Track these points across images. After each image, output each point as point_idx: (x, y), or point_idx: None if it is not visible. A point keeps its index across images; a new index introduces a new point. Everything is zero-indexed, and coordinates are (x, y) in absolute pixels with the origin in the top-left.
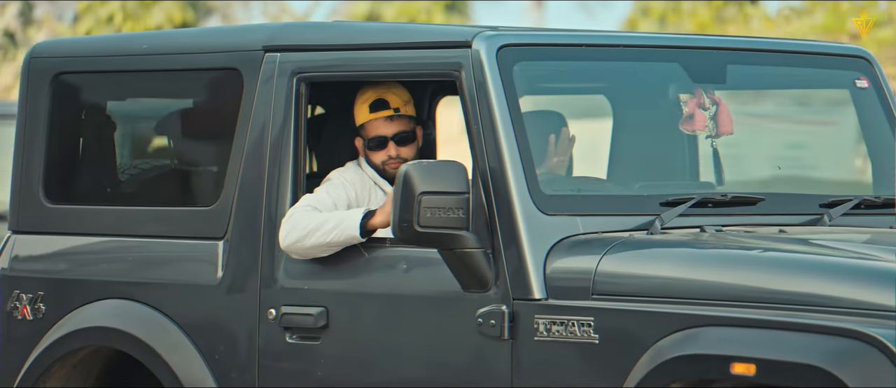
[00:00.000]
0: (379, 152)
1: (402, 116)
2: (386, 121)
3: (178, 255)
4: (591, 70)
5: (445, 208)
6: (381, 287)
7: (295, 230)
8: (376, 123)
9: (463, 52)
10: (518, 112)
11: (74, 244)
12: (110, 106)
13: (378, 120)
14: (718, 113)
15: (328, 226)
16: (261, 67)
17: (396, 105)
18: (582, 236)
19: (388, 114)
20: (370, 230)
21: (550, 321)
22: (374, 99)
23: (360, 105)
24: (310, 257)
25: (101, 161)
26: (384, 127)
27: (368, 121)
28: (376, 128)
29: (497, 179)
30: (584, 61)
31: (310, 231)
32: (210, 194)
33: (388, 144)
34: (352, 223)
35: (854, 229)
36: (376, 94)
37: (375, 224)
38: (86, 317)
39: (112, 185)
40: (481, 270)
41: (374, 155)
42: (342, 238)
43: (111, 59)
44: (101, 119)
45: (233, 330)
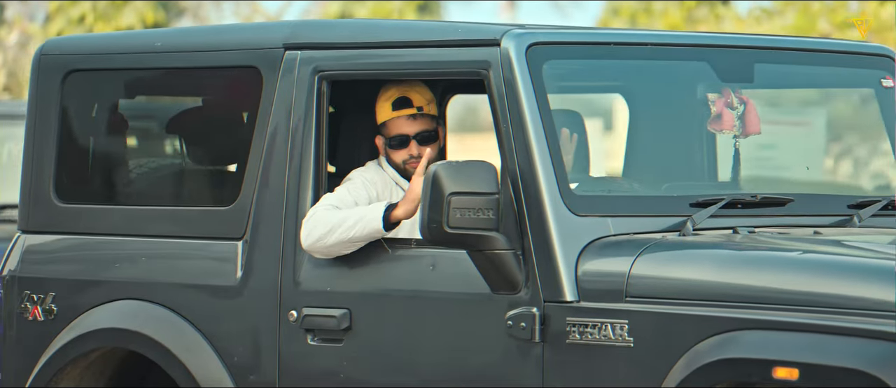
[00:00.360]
0: (400, 151)
1: (424, 115)
2: (408, 119)
3: (194, 255)
4: (620, 69)
5: (475, 208)
6: (407, 288)
7: (316, 229)
8: (398, 122)
9: (491, 51)
10: (548, 111)
11: (87, 244)
12: (122, 104)
13: (400, 118)
14: (746, 113)
15: (349, 222)
16: (281, 65)
17: (419, 104)
18: (613, 238)
19: (411, 112)
20: (393, 223)
21: (583, 324)
22: (397, 97)
23: (382, 103)
24: (332, 255)
25: (113, 160)
26: (406, 125)
27: (390, 119)
28: (398, 126)
29: (527, 180)
30: (613, 60)
31: (331, 228)
32: (228, 193)
33: (410, 143)
34: (374, 217)
35: (885, 230)
36: (399, 92)
37: (398, 216)
38: (99, 318)
39: (124, 184)
40: (511, 271)
41: (395, 154)
42: (365, 233)
43: (124, 57)
44: (113, 117)
45: (252, 332)
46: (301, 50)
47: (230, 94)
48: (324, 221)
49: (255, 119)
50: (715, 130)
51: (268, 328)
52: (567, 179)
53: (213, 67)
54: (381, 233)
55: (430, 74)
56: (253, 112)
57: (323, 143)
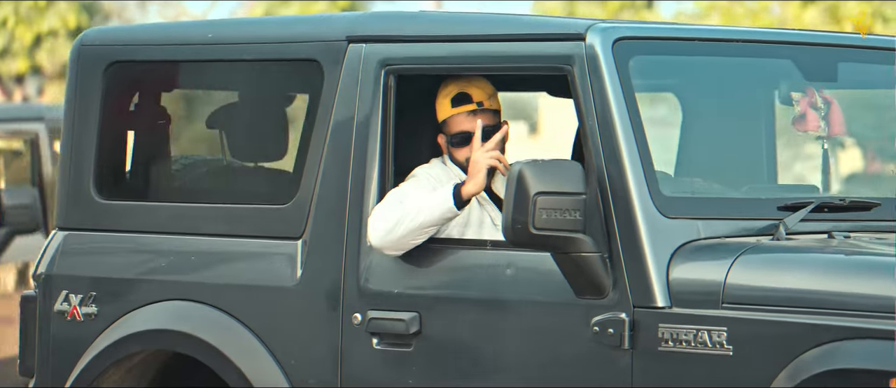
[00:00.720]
0: (463, 149)
1: (486, 110)
2: (469, 115)
3: (248, 255)
4: (707, 65)
5: (561, 209)
6: (482, 292)
7: (383, 223)
8: (459, 119)
9: (575, 45)
10: (635, 109)
11: (130, 242)
12: (168, 97)
13: (461, 115)
14: (830, 113)
15: (415, 210)
16: (344, 58)
17: (480, 98)
18: (704, 241)
19: (471, 108)
20: (465, 201)
21: (677, 331)
22: (456, 93)
23: (442, 100)
24: (404, 248)
25: (157, 155)
26: (468, 122)
27: (451, 116)
28: (459, 123)
29: (615, 180)
30: (700, 56)
31: (398, 220)
32: (284, 191)
33: (472, 140)
34: (444, 197)
35: None
36: (458, 87)
37: (469, 192)
38: (145, 319)
39: (170, 180)
40: (598, 275)
41: (457, 152)
42: (435, 215)
43: (171, 49)
44: (157, 110)
45: (312, 335)
46: (366, 43)
47: (288, 88)
48: (388, 215)
49: (315, 114)
50: (800, 131)
51: (329, 332)
52: (657, 179)
53: (269, 60)
54: (454, 212)
55: (507, 69)
56: (312, 107)
57: (389, 140)
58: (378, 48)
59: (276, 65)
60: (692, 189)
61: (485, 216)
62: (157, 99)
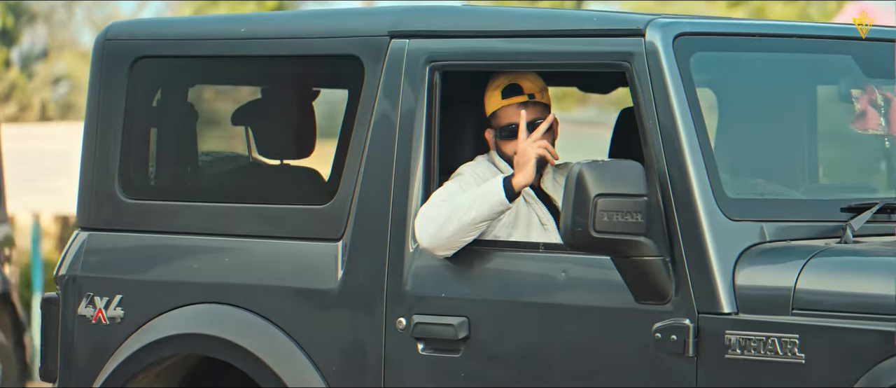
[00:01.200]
0: (511, 142)
1: (537, 103)
2: (519, 107)
3: (285, 257)
4: (767, 62)
5: (623, 211)
6: (535, 296)
7: (431, 223)
8: (509, 110)
9: (635, 42)
10: (697, 107)
11: (158, 243)
12: (196, 93)
13: (511, 107)
14: (891, 111)
15: (466, 204)
16: (386, 54)
17: (531, 91)
18: (770, 245)
19: (522, 100)
20: (517, 192)
21: (745, 338)
22: (507, 84)
23: (492, 92)
24: (454, 247)
25: (185, 153)
26: (517, 114)
27: (500, 108)
28: (509, 115)
29: (677, 181)
30: (760, 52)
31: (448, 217)
32: (322, 191)
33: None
34: (494, 189)
35: None
36: (509, 79)
37: (519, 184)
38: (176, 323)
39: (200, 179)
40: (660, 280)
41: (506, 145)
42: (486, 209)
43: (202, 43)
44: (186, 108)
45: (353, 339)
46: (409, 38)
47: (326, 84)
48: (436, 214)
49: (355, 111)
50: (859, 130)
51: (371, 336)
52: (720, 180)
53: (306, 56)
54: (505, 204)
55: (562, 66)
56: (352, 104)
57: (434, 138)
58: (423, 44)
59: (313, 61)
60: (756, 190)
61: (532, 215)
62: (185, 95)
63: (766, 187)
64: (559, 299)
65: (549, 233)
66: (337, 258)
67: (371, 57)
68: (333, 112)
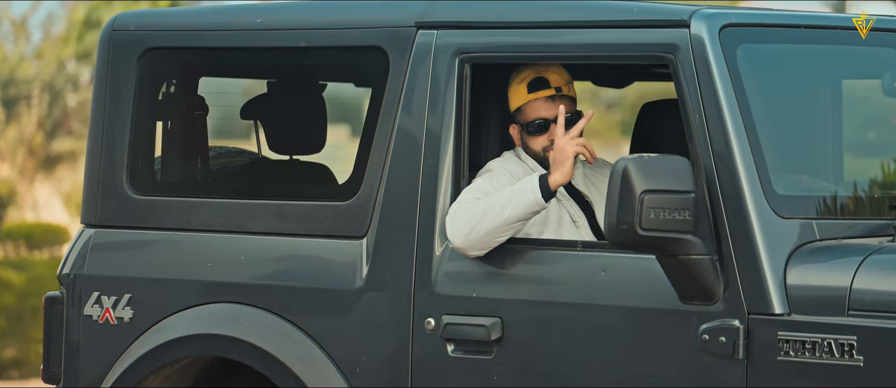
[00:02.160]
0: (539, 137)
1: (564, 97)
2: (547, 101)
3: (304, 255)
4: (815, 54)
5: (670, 208)
6: (574, 296)
7: (465, 222)
8: (536, 105)
9: (679, 33)
10: (746, 101)
11: (169, 241)
12: (208, 86)
13: (538, 101)
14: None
15: (500, 203)
16: (412, 45)
17: (558, 84)
18: (822, 243)
19: (549, 93)
20: (553, 191)
21: (798, 340)
22: (534, 77)
23: (517, 86)
24: (488, 247)
25: (197, 148)
26: (545, 108)
27: (527, 102)
28: (536, 110)
29: (725, 178)
30: (808, 44)
31: (481, 216)
32: (344, 187)
33: (550, 128)
34: (530, 188)
35: None
36: (535, 72)
37: (556, 182)
38: (190, 323)
39: (212, 175)
40: (708, 279)
41: (533, 140)
42: (521, 209)
43: (215, 34)
44: (197, 100)
45: (379, 340)
46: (438, 29)
47: (349, 77)
48: (470, 213)
49: (379, 105)
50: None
51: (398, 337)
52: (769, 176)
53: (328, 48)
54: (541, 204)
55: (601, 58)
56: (376, 98)
57: (465, 133)
58: (452, 35)
59: (334, 53)
60: (804, 187)
61: (564, 213)
62: (196, 88)
63: (811, 184)
64: (599, 300)
65: (580, 231)
66: (361, 256)
67: (397, 49)
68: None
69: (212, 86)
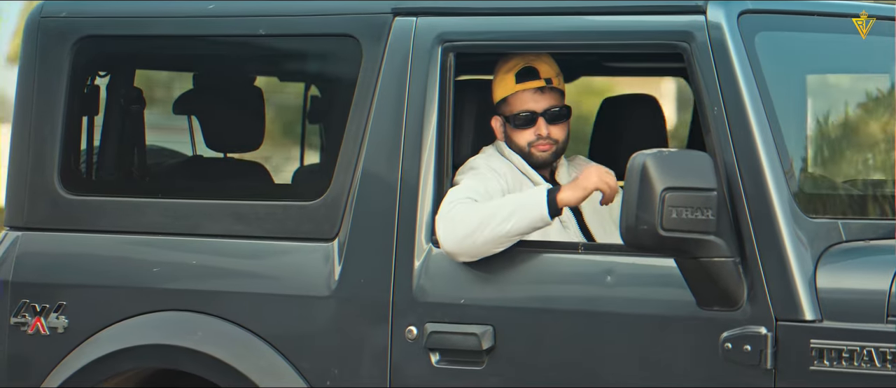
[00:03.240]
0: (525, 131)
1: (553, 89)
2: (535, 93)
3: (266, 259)
4: (837, 44)
5: (692, 207)
6: (576, 303)
7: (460, 226)
8: (523, 96)
9: (694, 20)
10: (767, 92)
11: (108, 244)
12: (155, 77)
13: (526, 92)
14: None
15: (502, 213)
16: (389, 33)
17: (548, 75)
18: (850, 245)
19: (538, 85)
20: (560, 209)
21: (834, 349)
22: (522, 67)
23: (503, 76)
24: (482, 255)
25: (141, 143)
26: (533, 100)
27: (513, 93)
28: (523, 101)
29: (748, 174)
30: (830, 33)
31: (481, 223)
32: (311, 185)
33: (537, 121)
34: (536, 202)
35: None
36: (524, 61)
37: (565, 201)
38: (136, 333)
39: (158, 173)
40: (732, 284)
41: (519, 134)
42: (525, 223)
43: (162, 22)
44: (140, 93)
45: (353, 350)
46: (418, 15)
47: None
48: (468, 217)
49: (351, 98)
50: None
51: (375, 347)
52: (794, 173)
53: (291, 36)
54: (546, 221)
55: (605, 46)
56: (345, 90)
57: (448, 128)
58: (434, 22)
59: (299, 41)
60: (829, 185)
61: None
62: (141, 79)
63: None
64: (605, 307)
65: (568, 231)
66: (331, 260)
67: (370, 37)
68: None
69: (156, 78)
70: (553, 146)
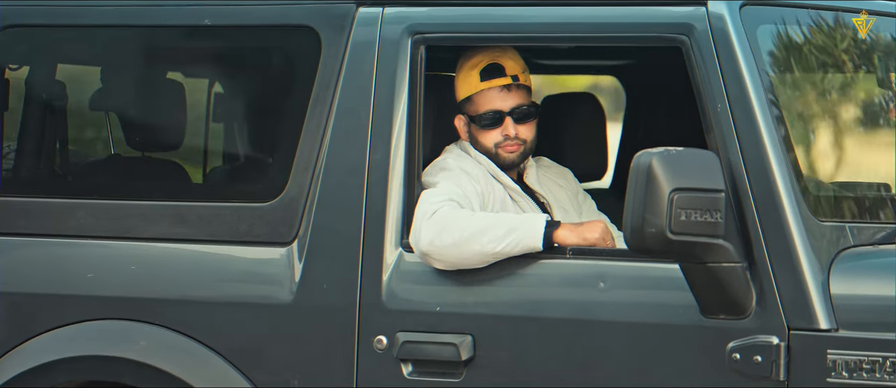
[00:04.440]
0: (492, 131)
1: (520, 86)
2: (502, 91)
3: (215, 263)
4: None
5: (701, 209)
6: (566, 311)
7: (447, 233)
8: (489, 95)
9: (694, 12)
10: (772, 88)
11: (30, 248)
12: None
13: (491, 90)
14: None
15: (497, 231)
16: (351, 25)
17: (514, 72)
18: (859, 249)
19: (505, 82)
20: (553, 245)
21: (854, 359)
22: (487, 64)
23: (467, 73)
24: (462, 266)
25: (73, 141)
26: (499, 99)
27: (479, 92)
28: (490, 100)
29: (755, 175)
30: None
31: (473, 233)
32: (264, 185)
33: (504, 121)
34: (532, 233)
35: None
36: (489, 58)
37: (563, 240)
38: (69, 343)
39: (93, 171)
40: (740, 290)
41: (485, 135)
42: (517, 248)
43: (93, 10)
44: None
45: (314, 361)
46: (385, 6)
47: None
48: (457, 224)
49: (309, 93)
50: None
51: (339, 358)
52: (802, 173)
53: (241, 27)
54: (537, 251)
55: (596, 40)
56: (302, 84)
57: (418, 126)
58: (404, 12)
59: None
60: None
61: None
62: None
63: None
64: (598, 315)
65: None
66: (288, 265)
67: (330, 28)
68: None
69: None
70: (521, 147)
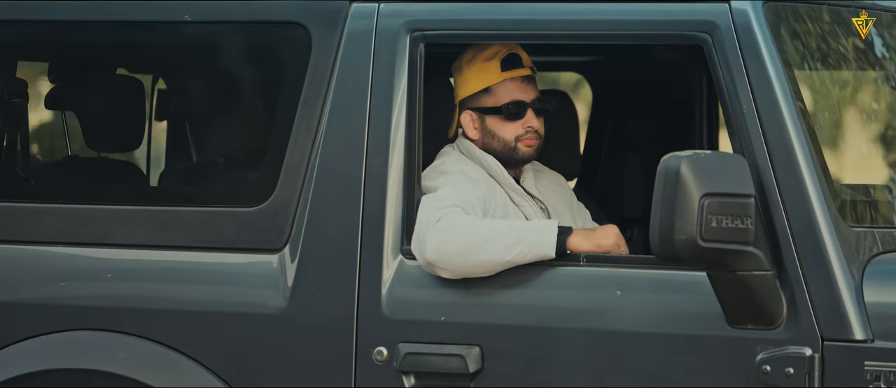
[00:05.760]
0: (515, 123)
1: (534, 80)
2: (523, 82)
3: (198, 271)
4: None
5: (732, 215)
6: (581, 320)
7: (454, 241)
8: (511, 85)
9: (717, 8)
10: (798, 88)
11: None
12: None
13: (514, 81)
14: None
15: (507, 239)
16: (345, 21)
17: (529, 64)
18: (888, 256)
19: (525, 73)
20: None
21: (893, 372)
22: (506, 54)
23: (483, 64)
24: (469, 276)
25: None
26: (521, 90)
27: (500, 82)
28: (512, 91)
29: (784, 179)
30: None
31: (482, 241)
32: (253, 188)
33: (527, 113)
34: (544, 240)
35: None
36: (506, 48)
37: (576, 247)
38: (43, 355)
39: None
40: (770, 299)
41: (505, 127)
42: (528, 257)
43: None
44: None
45: (309, 375)
46: (381, 1)
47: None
48: (465, 231)
49: (298, 93)
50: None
51: (335, 370)
52: (831, 178)
53: (225, 23)
54: (549, 259)
55: (611, 38)
56: (290, 84)
57: (418, 127)
58: (400, 8)
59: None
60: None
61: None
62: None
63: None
64: (616, 325)
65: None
66: (280, 273)
67: (322, 25)
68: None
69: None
70: (538, 141)
